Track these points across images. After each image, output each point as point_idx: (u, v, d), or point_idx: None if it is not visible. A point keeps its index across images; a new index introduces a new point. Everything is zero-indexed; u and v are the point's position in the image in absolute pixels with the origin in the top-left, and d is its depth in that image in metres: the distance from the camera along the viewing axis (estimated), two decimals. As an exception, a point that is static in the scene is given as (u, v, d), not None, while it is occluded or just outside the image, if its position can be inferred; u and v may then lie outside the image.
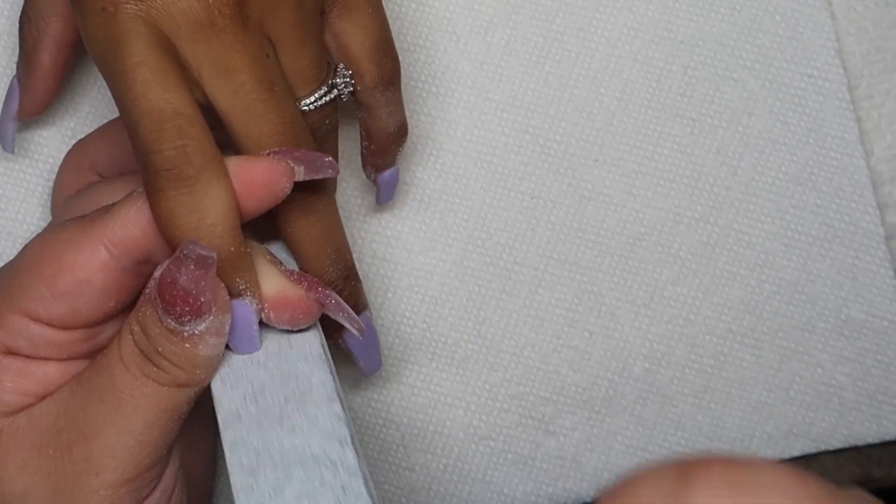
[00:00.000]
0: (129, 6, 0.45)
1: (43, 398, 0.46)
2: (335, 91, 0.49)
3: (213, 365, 0.45)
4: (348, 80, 0.50)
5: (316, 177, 0.46)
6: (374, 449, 0.56)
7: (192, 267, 0.43)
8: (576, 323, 0.57)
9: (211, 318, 0.44)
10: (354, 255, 0.56)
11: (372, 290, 0.57)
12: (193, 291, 0.43)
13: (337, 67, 0.50)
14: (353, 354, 0.51)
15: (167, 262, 0.44)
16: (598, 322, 0.57)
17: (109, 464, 0.44)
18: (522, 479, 0.56)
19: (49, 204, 0.56)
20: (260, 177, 0.45)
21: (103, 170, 0.51)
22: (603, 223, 0.57)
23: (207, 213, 0.44)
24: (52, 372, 0.46)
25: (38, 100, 0.54)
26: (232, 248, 0.45)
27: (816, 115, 0.58)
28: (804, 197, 0.58)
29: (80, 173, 0.51)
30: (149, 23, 0.45)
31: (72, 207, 0.49)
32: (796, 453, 0.57)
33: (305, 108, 0.48)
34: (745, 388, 0.57)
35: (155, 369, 0.44)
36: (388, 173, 0.54)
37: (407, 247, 0.57)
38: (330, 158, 0.47)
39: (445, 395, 0.57)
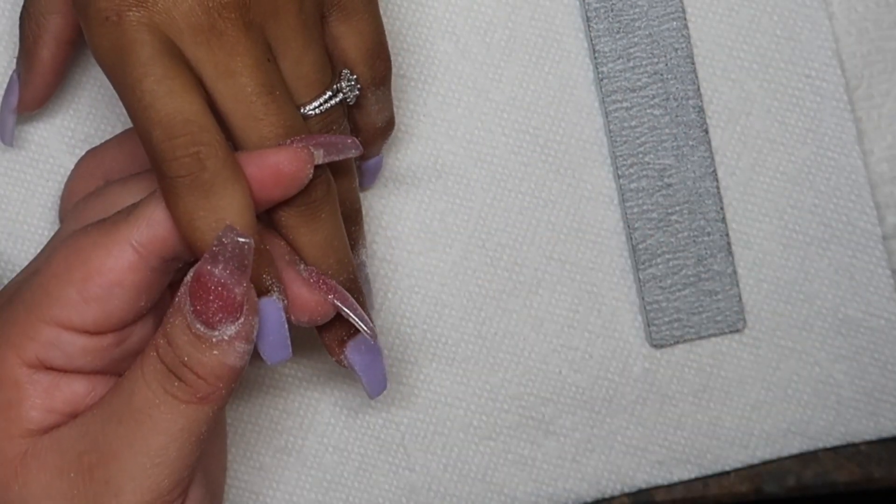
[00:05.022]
0: (131, 14, 0.45)
1: (69, 417, 0.46)
2: (340, 95, 0.49)
3: (236, 379, 0.45)
4: (353, 83, 0.50)
5: (337, 158, 0.47)
6: (374, 449, 0.56)
7: (229, 253, 0.43)
8: (576, 323, 0.57)
9: (241, 319, 0.44)
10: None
11: (372, 290, 0.57)
12: (228, 282, 0.44)
13: (342, 72, 0.50)
14: (355, 373, 0.51)
15: (202, 259, 0.44)
16: (598, 322, 0.57)
17: (128, 486, 0.44)
18: (523, 480, 0.57)
19: (50, 204, 0.56)
20: (286, 167, 0.46)
21: (116, 179, 0.51)
22: (603, 223, 0.57)
23: (225, 213, 0.45)
24: (79, 390, 0.47)
25: (37, 95, 0.54)
26: (256, 248, 0.45)
27: (814, 115, 0.58)
28: (802, 197, 0.58)
29: (93, 181, 0.51)
30: (153, 29, 0.45)
31: (86, 210, 0.49)
32: (794, 451, 0.57)
33: (311, 112, 0.48)
34: (743, 386, 0.57)
35: (177, 384, 0.44)
36: (372, 161, 0.55)
37: (407, 247, 0.57)
38: (353, 139, 0.48)
39: (446, 396, 0.57)
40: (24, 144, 0.56)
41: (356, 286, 0.50)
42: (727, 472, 0.58)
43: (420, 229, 0.57)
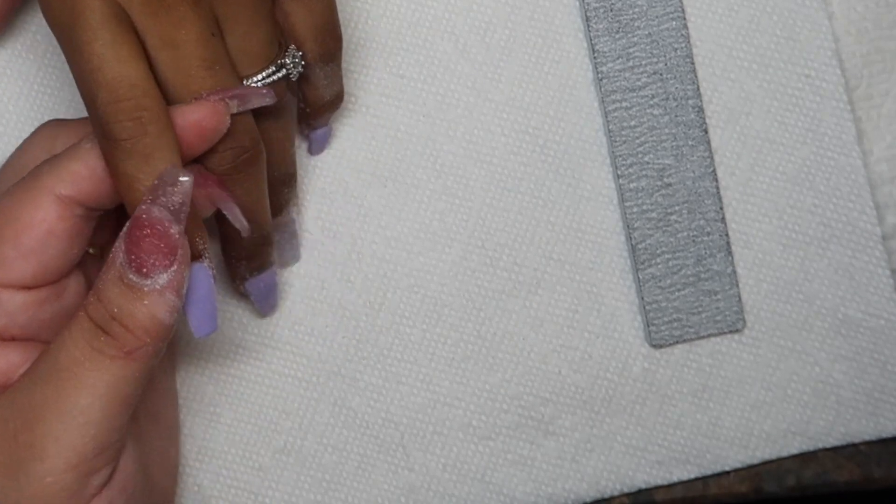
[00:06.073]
0: None
1: (3, 388, 0.47)
2: (284, 70, 0.51)
3: (164, 337, 0.46)
4: (298, 60, 0.52)
5: (250, 107, 0.49)
6: (373, 448, 0.56)
7: (169, 192, 0.45)
8: (575, 323, 0.57)
9: (175, 267, 0.45)
10: (355, 256, 0.57)
11: (371, 290, 0.57)
12: (166, 221, 0.45)
13: (288, 48, 0.52)
14: (251, 298, 0.55)
15: (142, 201, 0.45)
16: (598, 322, 0.57)
17: (52, 448, 0.45)
18: (522, 480, 0.57)
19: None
20: (207, 122, 0.48)
21: None
22: (602, 223, 0.57)
23: None
24: (14, 360, 0.48)
25: None
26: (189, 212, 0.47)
27: (814, 115, 0.58)
28: (801, 197, 0.58)
29: (43, 154, 0.52)
30: None
31: (14, 164, 0.51)
32: (794, 451, 0.57)
33: (255, 84, 0.50)
34: (743, 386, 0.57)
35: (103, 338, 0.45)
36: (320, 131, 0.57)
37: (407, 247, 0.57)
38: (267, 90, 0.49)
39: (445, 395, 0.57)
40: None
41: (267, 240, 0.53)
42: (727, 472, 0.58)
43: (419, 229, 0.57)
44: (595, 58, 0.57)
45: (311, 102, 0.55)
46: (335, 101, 0.55)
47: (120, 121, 0.46)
